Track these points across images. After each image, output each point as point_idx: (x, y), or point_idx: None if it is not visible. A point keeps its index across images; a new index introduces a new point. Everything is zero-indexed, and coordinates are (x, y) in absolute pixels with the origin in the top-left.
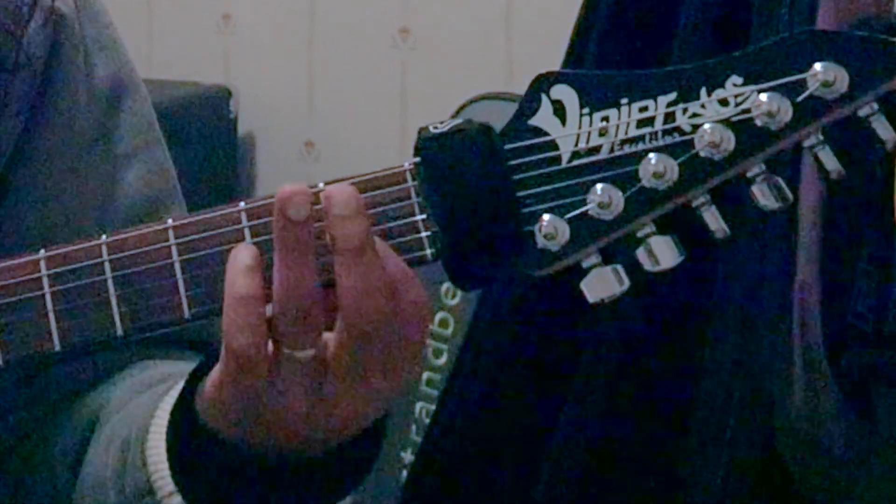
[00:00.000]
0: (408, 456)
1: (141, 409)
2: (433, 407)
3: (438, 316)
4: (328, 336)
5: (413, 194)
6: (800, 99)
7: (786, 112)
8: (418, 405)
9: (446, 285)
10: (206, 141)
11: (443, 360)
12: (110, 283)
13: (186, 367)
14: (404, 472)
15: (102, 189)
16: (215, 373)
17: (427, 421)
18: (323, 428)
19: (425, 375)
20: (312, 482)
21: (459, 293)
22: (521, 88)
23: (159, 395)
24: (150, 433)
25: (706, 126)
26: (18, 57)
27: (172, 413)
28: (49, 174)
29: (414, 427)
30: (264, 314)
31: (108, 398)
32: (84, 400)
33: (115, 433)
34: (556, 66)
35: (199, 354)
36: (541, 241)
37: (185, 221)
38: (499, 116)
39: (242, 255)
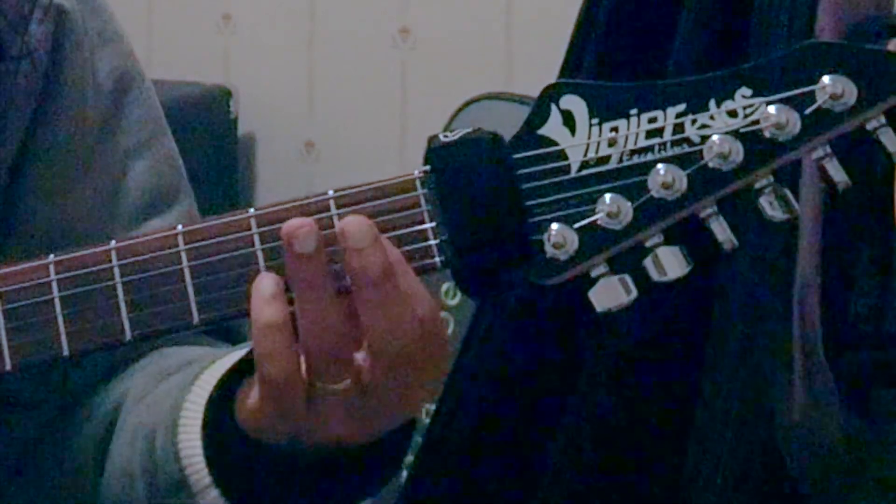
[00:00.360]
0: (408, 456)
1: (165, 399)
2: (433, 407)
3: None
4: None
5: (423, 202)
6: (808, 111)
7: (794, 124)
8: None
9: (446, 285)
10: (206, 141)
11: None
12: (119, 288)
13: (203, 352)
14: (404, 473)
15: (111, 182)
16: (255, 396)
17: (427, 421)
18: (364, 436)
19: None
20: (350, 476)
21: (459, 293)
22: (521, 88)
23: (183, 386)
24: (181, 426)
25: (715, 137)
26: (21, 48)
27: (207, 409)
28: (58, 169)
29: None
30: (292, 340)
31: (127, 388)
32: (103, 391)
33: (139, 424)
34: (556, 65)
35: (213, 338)
36: (549, 251)
37: (195, 227)
38: (499, 116)
39: (265, 285)
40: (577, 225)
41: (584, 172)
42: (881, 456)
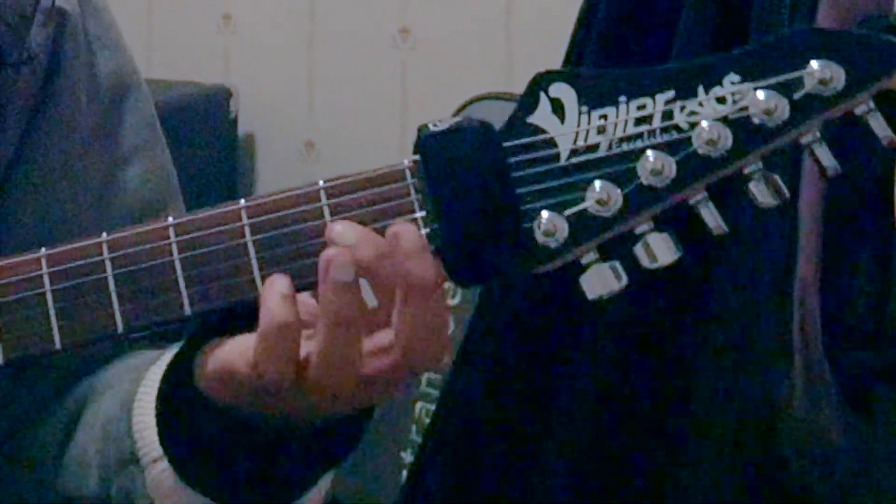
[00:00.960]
0: (408, 456)
1: (126, 384)
2: (433, 407)
3: None
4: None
5: (412, 192)
6: (797, 97)
7: (783, 110)
8: (418, 405)
9: (446, 284)
10: (206, 141)
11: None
12: (111, 280)
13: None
14: (404, 472)
15: (102, 187)
16: (226, 362)
17: (427, 421)
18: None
19: (425, 375)
20: (310, 448)
21: (459, 293)
22: (521, 88)
23: (142, 368)
24: (137, 402)
25: (704, 124)
26: (22, 54)
27: (164, 380)
28: (49, 172)
29: (414, 427)
30: (300, 342)
31: (92, 384)
32: (72, 387)
33: (99, 412)
34: (556, 65)
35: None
36: (540, 238)
37: (186, 219)
38: (499, 116)
39: (280, 284)
40: (567, 212)
41: (574, 160)
42: (881, 456)
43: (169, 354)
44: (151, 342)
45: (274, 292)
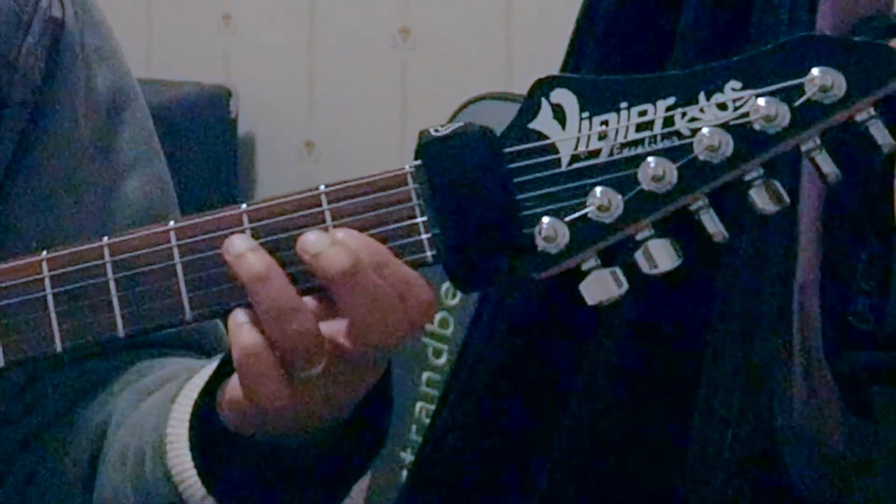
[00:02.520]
0: (408, 456)
1: (147, 418)
2: (433, 407)
3: (438, 316)
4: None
5: (414, 197)
6: (798, 103)
7: (784, 116)
8: (418, 405)
9: (446, 285)
10: (206, 141)
11: (443, 360)
12: (112, 284)
13: (180, 367)
14: (404, 472)
15: (101, 200)
16: (236, 390)
17: (427, 421)
18: (349, 398)
19: (425, 375)
20: (337, 464)
21: (460, 293)
22: (521, 88)
23: (165, 402)
24: (169, 444)
25: (705, 130)
26: (17, 64)
27: (192, 423)
28: (47, 184)
29: (414, 427)
30: (274, 360)
31: (112, 410)
32: (85, 411)
33: (125, 447)
34: (556, 66)
35: (191, 352)
36: (540, 244)
37: (187, 223)
38: (499, 116)
39: (234, 313)
40: (567, 218)
41: (575, 166)
42: (881, 456)
43: (195, 382)
44: (158, 349)
45: (232, 323)
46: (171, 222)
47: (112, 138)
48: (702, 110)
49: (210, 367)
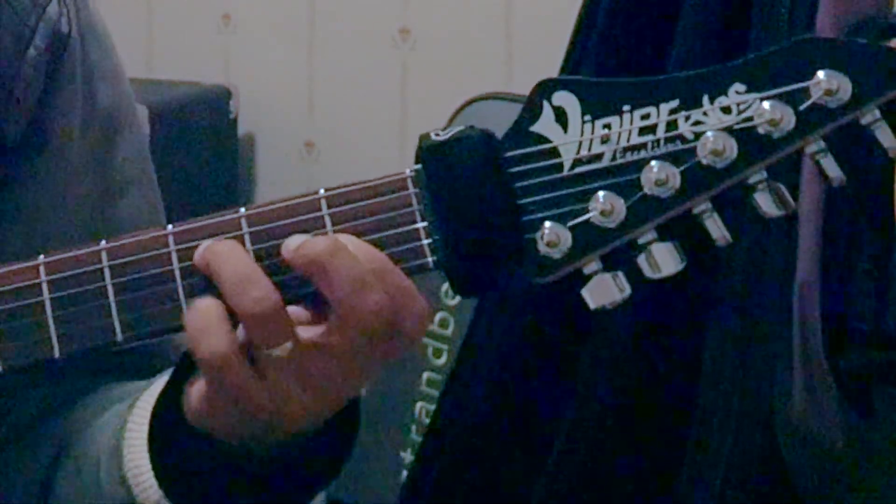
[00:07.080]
0: (408, 456)
1: (106, 427)
2: (433, 407)
3: (438, 316)
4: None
5: (414, 202)
6: (802, 107)
7: (788, 120)
8: (418, 405)
9: (446, 285)
10: (206, 141)
11: (443, 360)
12: (110, 289)
13: (144, 384)
14: (404, 472)
15: (91, 218)
16: (201, 385)
17: (427, 421)
18: (320, 407)
19: (425, 375)
20: (303, 470)
21: None
22: (521, 88)
23: (123, 411)
24: (126, 448)
25: (709, 134)
26: (17, 78)
27: (151, 425)
28: (39, 199)
29: (414, 427)
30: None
31: (70, 424)
32: (44, 427)
33: (82, 455)
34: (556, 65)
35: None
36: (542, 249)
37: (185, 227)
38: (499, 116)
39: (190, 319)
40: (570, 223)
41: (577, 170)
42: (881, 456)
43: (154, 387)
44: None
45: (189, 329)
46: (170, 226)
47: (107, 158)
48: (705, 114)
49: (170, 371)
